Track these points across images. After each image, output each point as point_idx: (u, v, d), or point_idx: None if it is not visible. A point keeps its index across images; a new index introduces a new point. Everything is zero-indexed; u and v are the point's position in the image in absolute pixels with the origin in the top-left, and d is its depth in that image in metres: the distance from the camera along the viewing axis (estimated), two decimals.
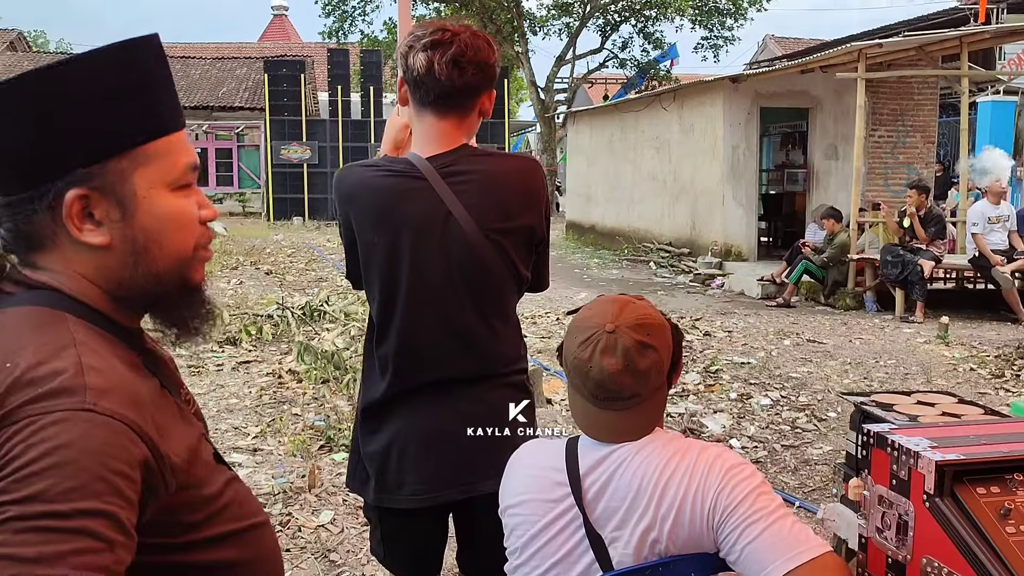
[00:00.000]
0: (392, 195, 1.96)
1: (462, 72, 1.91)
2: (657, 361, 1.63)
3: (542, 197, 2.04)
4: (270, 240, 17.65)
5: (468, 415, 2.00)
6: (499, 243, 1.95)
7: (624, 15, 28.62)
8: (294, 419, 5.59)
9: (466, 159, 1.97)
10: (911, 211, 9.99)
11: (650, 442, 1.65)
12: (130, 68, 1.08)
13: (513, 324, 2.09)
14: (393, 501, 2.06)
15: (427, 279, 1.96)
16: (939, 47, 11.82)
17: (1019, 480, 1.37)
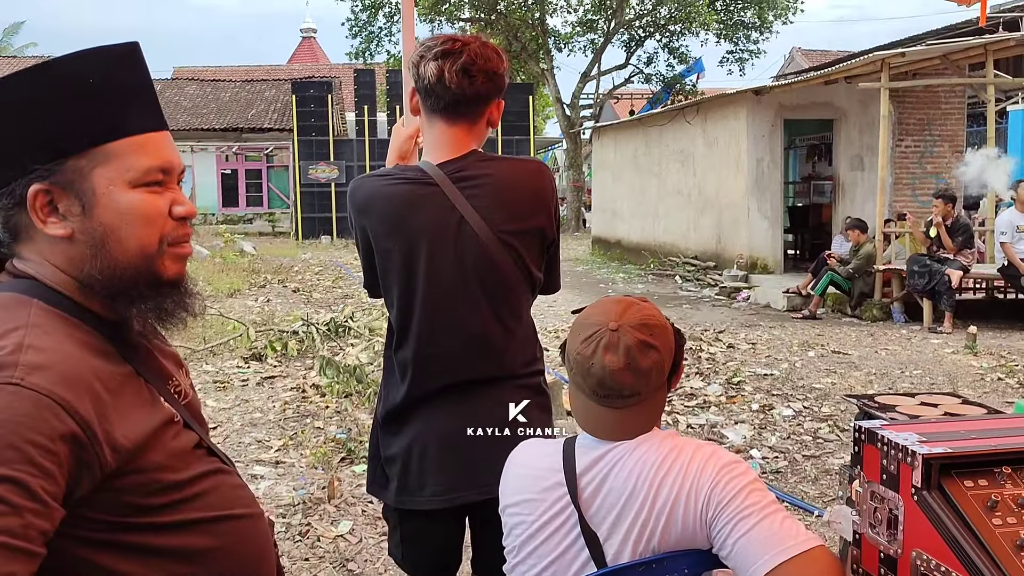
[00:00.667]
0: (405, 202, 1.99)
1: (472, 80, 1.95)
2: (658, 361, 1.64)
3: (551, 199, 2.07)
4: (298, 259, 17.81)
5: (487, 417, 2.02)
6: (511, 245, 1.98)
7: (649, 30, 28.67)
8: (316, 432, 5.64)
9: (476, 164, 2.01)
10: (937, 220, 9.89)
11: (645, 441, 1.66)
12: (86, 75, 1.18)
13: (527, 325, 2.11)
14: (413, 503, 2.08)
15: (442, 283, 2.00)
16: (964, 55, 11.72)
17: (1007, 473, 1.37)
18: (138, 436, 1.15)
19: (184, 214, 1.26)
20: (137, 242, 1.20)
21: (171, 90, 28.85)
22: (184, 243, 1.27)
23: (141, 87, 1.23)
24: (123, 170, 1.19)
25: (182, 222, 1.26)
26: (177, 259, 1.27)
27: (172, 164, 1.25)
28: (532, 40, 28.37)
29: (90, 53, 1.20)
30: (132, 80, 1.22)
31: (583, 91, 29.38)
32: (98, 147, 1.18)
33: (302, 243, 22.25)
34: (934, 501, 1.33)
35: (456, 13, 27.27)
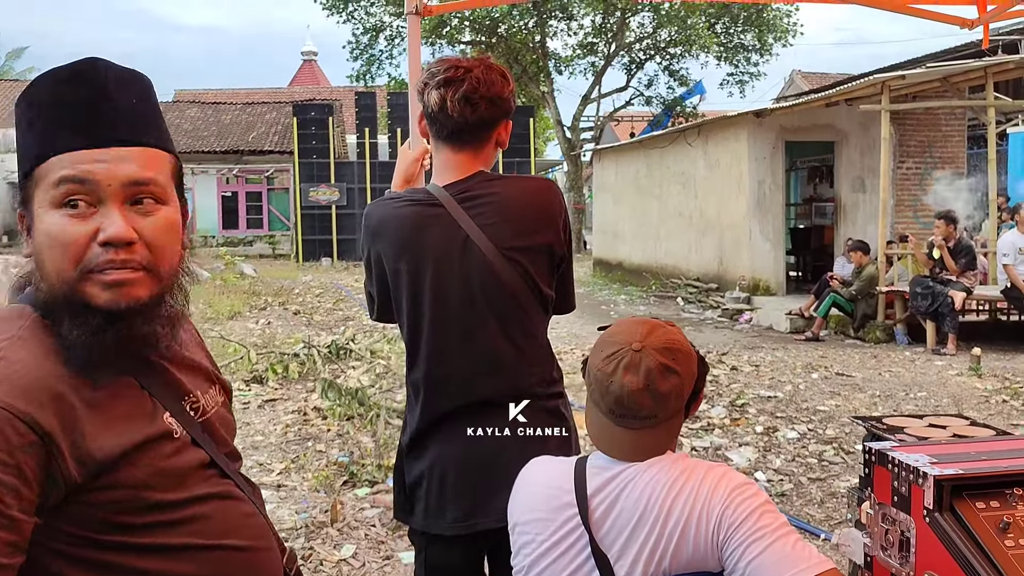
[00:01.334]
0: (412, 224, 2.01)
1: (474, 108, 1.97)
2: (678, 386, 1.64)
3: (559, 216, 2.06)
4: (299, 281, 17.81)
5: (506, 441, 2.00)
6: (518, 262, 1.98)
7: (649, 53, 28.82)
8: (318, 455, 5.61)
9: (481, 184, 2.02)
10: (939, 242, 9.89)
11: (657, 462, 1.65)
12: (29, 101, 1.20)
13: (542, 345, 2.09)
14: (437, 527, 2.07)
15: (449, 303, 2.00)
16: (964, 78, 11.77)
17: (1019, 495, 1.36)
18: (113, 450, 1.12)
19: (107, 238, 1.13)
20: (53, 266, 1.15)
21: (172, 113, 28.99)
22: (112, 270, 1.14)
23: (83, 103, 1.18)
24: (43, 191, 1.16)
25: (107, 248, 1.14)
26: (104, 288, 1.14)
27: (93, 176, 1.15)
28: (533, 63, 28.52)
29: (42, 76, 1.20)
30: (71, 99, 1.18)
31: (584, 113, 29.52)
32: (36, 168, 1.17)
33: (303, 265, 22.25)
34: (946, 523, 1.32)
35: (457, 36, 27.43)
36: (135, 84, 1.25)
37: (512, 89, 2.05)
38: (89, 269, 1.14)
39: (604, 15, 27.19)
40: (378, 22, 27.58)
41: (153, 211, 1.19)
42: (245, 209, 27.87)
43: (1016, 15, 3.73)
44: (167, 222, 1.21)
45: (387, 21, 27.50)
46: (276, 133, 27.96)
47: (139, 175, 1.18)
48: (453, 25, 26.58)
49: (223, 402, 1.39)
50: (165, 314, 1.23)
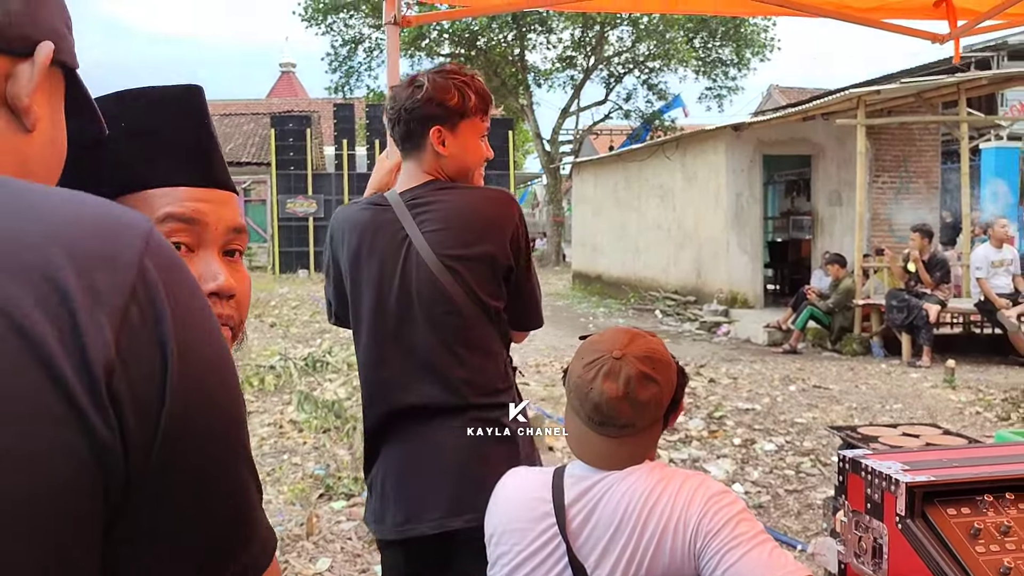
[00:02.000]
0: (365, 228, 2.07)
1: (396, 119, 2.08)
2: (657, 395, 1.64)
3: (508, 227, 2.06)
4: (275, 293, 17.72)
5: (443, 449, 2.02)
6: (456, 270, 2.00)
7: (628, 67, 28.99)
8: (294, 468, 5.57)
9: (433, 192, 2.06)
10: (915, 255, 9.99)
11: (634, 471, 1.65)
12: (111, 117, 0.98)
13: (488, 356, 2.08)
14: (380, 532, 2.10)
15: (388, 307, 2.04)
16: (937, 93, 11.93)
17: (989, 501, 1.36)
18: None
19: (215, 289, 1.01)
20: None
21: None
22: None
23: (188, 136, 1.06)
24: None
25: (213, 299, 1.00)
26: None
27: (203, 217, 1.02)
28: (512, 76, 28.61)
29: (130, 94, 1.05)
30: (176, 127, 1.05)
31: (563, 127, 29.63)
32: (123, 196, 1.01)
33: (279, 277, 22.15)
34: (918, 529, 1.32)
35: (436, 48, 27.49)
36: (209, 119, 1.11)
37: (451, 97, 2.05)
38: None
39: (583, 29, 27.35)
40: (357, 34, 27.62)
41: (239, 263, 1.09)
42: None
43: (986, 30, 3.78)
44: (249, 280, 1.11)
45: (366, 33, 27.54)
46: (253, 145, 27.86)
47: (239, 223, 1.08)
48: (432, 37, 26.64)
49: None
50: None
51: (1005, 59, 17.08)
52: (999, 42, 16.42)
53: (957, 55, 3.76)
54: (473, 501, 1.92)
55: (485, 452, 2.02)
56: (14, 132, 0.70)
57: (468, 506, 1.94)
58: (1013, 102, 18.12)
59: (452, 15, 7.00)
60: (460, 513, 1.97)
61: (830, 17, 3.74)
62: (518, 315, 2.15)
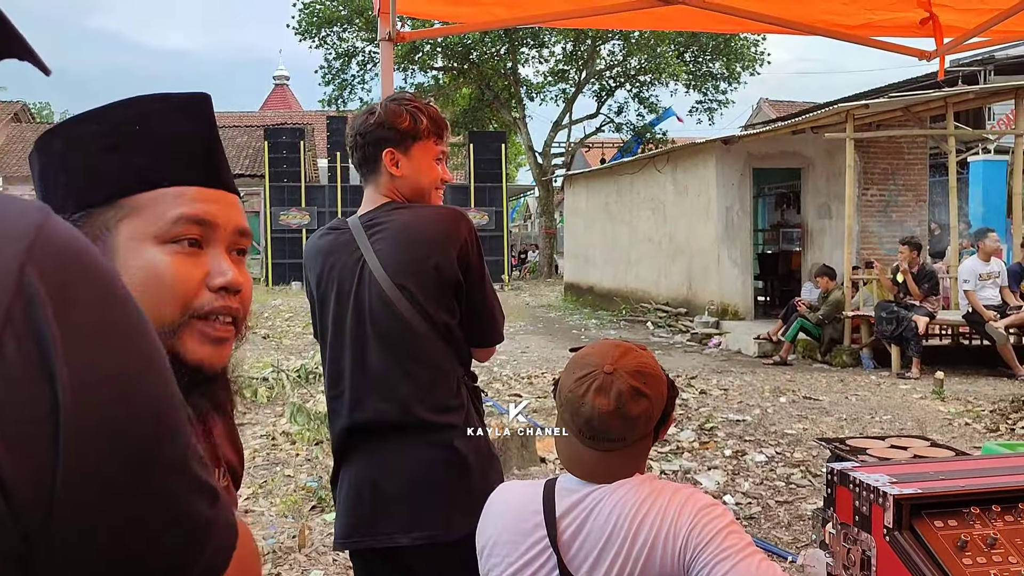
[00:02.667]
0: (328, 252, 2.17)
1: (352, 149, 2.21)
2: (648, 409, 1.65)
3: (455, 240, 2.09)
4: (268, 305, 17.70)
5: (393, 466, 2.08)
6: (404, 286, 2.06)
7: (619, 80, 29.13)
8: (286, 480, 5.56)
9: (386, 212, 2.14)
10: (904, 267, 10.05)
11: (624, 484, 1.67)
12: (114, 123, 1.07)
13: (440, 373, 2.11)
14: (336, 542, 2.19)
15: (345, 326, 2.12)
16: (925, 107, 12.02)
17: (975, 513, 1.39)
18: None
19: (225, 283, 1.05)
20: (151, 308, 0.98)
21: None
22: (218, 321, 1.05)
23: (196, 139, 1.10)
24: (150, 222, 1.04)
25: (222, 293, 1.05)
26: (206, 341, 1.04)
27: (214, 218, 1.07)
28: (504, 89, 28.71)
29: (139, 100, 1.10)
30: (184, 131, 1.09)
31: (555, 139, 29.73)
32: (127, 198, 1.04)
33: (272, 289, 22.12)
34: (906, 541, 1.34)
35: (429, 62, 27.57)
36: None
37: (401, 121, 2.14)
38: (199, 315, 1.04)
39: (575, 43, 27.48)
40: (350, 47, 27.68)
41: (243, 263, 1.13)
42: None
43: (973, 47, 3.83)
44: (251, 279, 1.15)
45: (359, 46, 27.62)
46: (247, 157, 27.86)
47: (244, 225, 1.13)
48: (425, 51, 26.72)
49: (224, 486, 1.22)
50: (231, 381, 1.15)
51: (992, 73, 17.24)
52: (986, 56, 16.57)
53: (942, 72, 3.82)
54: (424, 520, 2.02)
55: (435, 476, 2.06)
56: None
57: (419, 524, 2.03)
58: (1000, 116, 18.28)
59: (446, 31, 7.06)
60: (410, 530, 2.04)
61: (820, 35, 3.78)
62: (474, 331, 2.18)
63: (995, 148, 16.86)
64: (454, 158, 29.33)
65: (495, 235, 23.99)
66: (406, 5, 3.51)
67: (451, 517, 2.04)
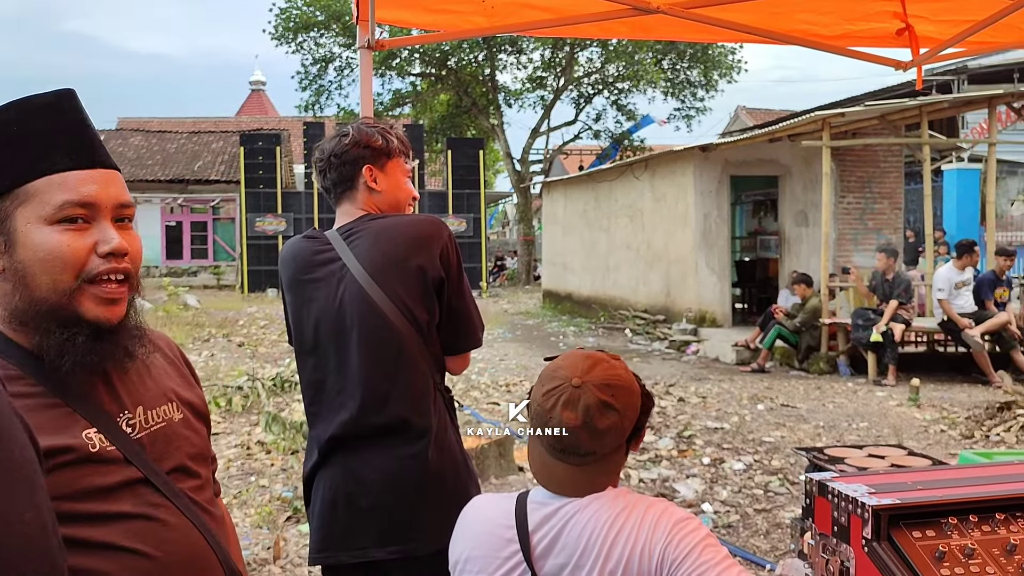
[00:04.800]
0: (304, 256, 2.20)
1: (323, 175, 2.28)
2: (616, 423, 1.63)
3: (436, 244, 2.13)
4: (243, 312, 17.57)
5: (367, 479, 2.08)
6: (387, 285, 2.08)
7: (597, 87, 29.21)
8: (261, 491, 5.51)
9: (363, 222, 2.18)
10: (860, 285, 10.37)
11: (598, 498, 1.65)
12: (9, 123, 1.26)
13: (417, 373, 2.12)
14: (311, 558, 2.18)
15: (325, 329, 2.13)
16: (900, 116, 12.14)
17: (953, 524, 1.39)
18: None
19: (110, 250, 1.25)
20: (48, 279, 1.23)
21: (115, 140, 28.57)
22: (109, 282, 1.27)
23: (68, 129, 1.28)
24: (40, 207, 1.24)
25: (110, 258, 1.26)
26: (101, 302, 1.27)
27: (95, 199, 1.26)
28: (482, 96, 28.71)
29: (16, 103, 1.27)
30: (57, 124, 1.28)
31: (533, 146, 29.73)
32: (19, 187, 1.24)
33: (248, 296, 21.97)
34: (884, 552, 1.34)
35: (407, 68, 27.54)
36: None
37: (367, 140, 2.23)
38: (89, 279, 1.25)
39: (553, 50, 27.53)
40: (327, 53, 27.59)
41: (129, 228, 1.32)
42: (190, 239, 27.46)
43: (948, 58, 3.86)
44: (138, 240, 1.33)
45: (336, 52, 27.52)
46: (222, 163, 27.68)
47: (125, 198, 1.32)
48: (403, 57, 26.70)
49: (180, 419, 1.42)
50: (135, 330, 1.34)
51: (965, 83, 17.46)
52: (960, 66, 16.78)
53: (919, 81, 3.84)
54: (399, 534, 2.03)
55: (410, 489, 2.06)
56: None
57: (394, 538, 2.03)
58: (974, 124, 18.50)
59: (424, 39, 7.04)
60: (385, 544, 2.04)
61: (798, 44, 3.80)
62: (454, 333, 2.19)
63: (969, 156, 17.07)
64: (432, 164, 29.31)
65: (473, 242, 23.95)
66: (385, 13, 3.49)
67: (426, 529, 2.04)
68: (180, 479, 1.36)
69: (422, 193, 23.43)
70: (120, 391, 1.34)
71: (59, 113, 1.29)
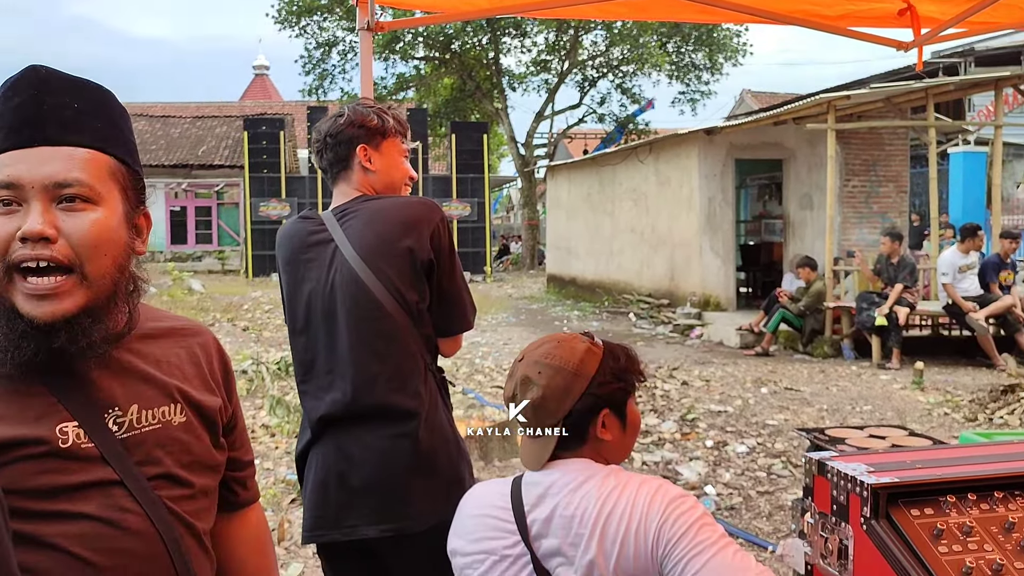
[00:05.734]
0: (299, 237, 2.22)
1: (320, 156, 2.29)
2: (538, 400, 1.65)
3: (426, 226, 2.14)
4: (248, 297, 17.61)
5: (359, 458, 2.09)
6: (377, 266, 2.10)
7: (602, 71, 29.10)
8: (265, 473, 5.53)
9: (358, 203, 2.20)
10: (865, 268, 10.31)
11: (589, 478, 1.65)
12: None
13: (407, 355, 2.12)
14: (304, 537, 2.21)
15: (317, 308, 2.15)
16: (906, 99, 12.07)
17: (952, 502, 1.39)
18: None
19: (24, 234, 1.13)
20: None
21: None
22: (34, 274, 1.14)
23: (17, 108, 1.19)
24: None
25: (30, 243, 1.13)
26: (29, 298, 1.14)
27: (18, 179, 1.16)
28: (486, 79, 28.63)
29: None
30: (7, 104, 1.19)
31: (537, 130, 29.67)
32: None
33: (252, 281, 22.01)
34: (882, 530, 1.34)
35: (410, 52, 27.46)
36: (78, 89, 1.24)
37: (362, 120, 2.23)
38: (16, 266, 1.14)
39: (557, 33, 27.43)
40: (331, 37, 27.51)
41: (81, 210, 1.18)
42: (194, 224, 27.50)
43: (950, 38, 3.84)
44: (96, 223, 1.19)
45: (340, 36, 27.45)
46: (226, 147, 27.66)
47: (63, 176, 1.17)
48: (407, 41, 26.62)
49: (182, 422, 1.29)
50: (106, 326, 1.19)
51: (972, 65, 17.33)
52: (966, 48, 16.66)
53: (920, 62, 3.82)
54: (392, 512, 2.05)
55: (402, 468, 2.07)
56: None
57: (386, 516, 2.05)
58: (980, 107, 18.39)
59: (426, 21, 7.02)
60: (377, 522, 2.06)
61: (799, 25, 3.78)
62: (444, 316, 2.20)
63: (975, 139, 16.98)
64: (435, 149, 29.26)
65: (477, 226, 23.91)
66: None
67: (419, 508, 2.06)
68: (163, 486, 1.24)
69: (426, 178, 23.40)
70: (115, 385, 1.23)
71: (14, 94, 1.20)
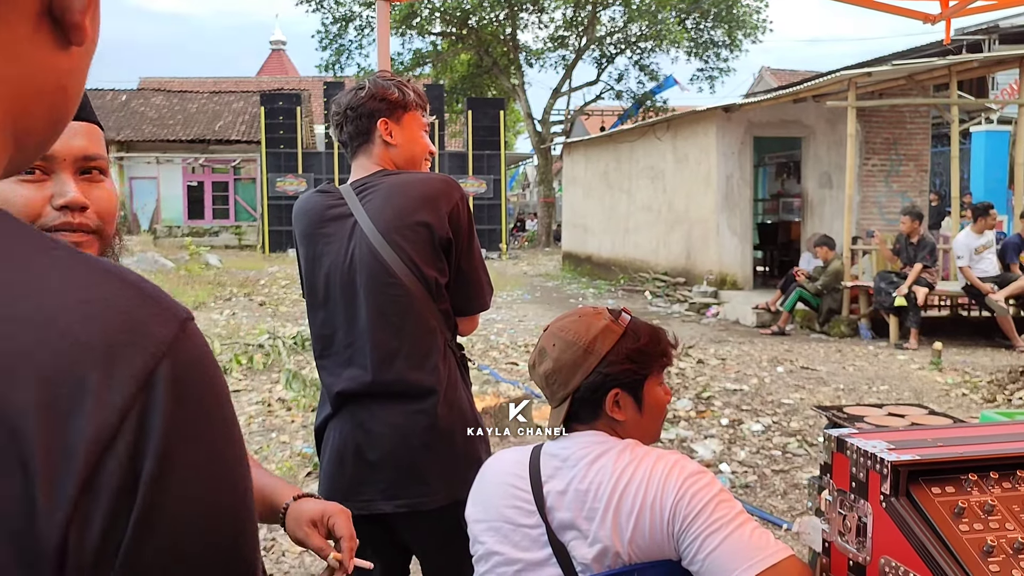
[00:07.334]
0: (318, 211, 2.20)
1: (339, 128, 2.26)
2: (550, 371, 1.69)
3: (444, 202, 2.12)
4: (264, 272, 17.68)
5: (376, 433, 2.09)
6: (398, 243, 2.08)
7: (620, 47, 28.90)
8: (282, 447, 5.57)
9: (377, 178, 2.18)
10: (884, 249, 10.20)
11: (606, 451, 1.65)
12: None
13: (427, 331, 2.12)
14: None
15: (335, 283, 2.14)
16: (928, 76, 11.91)
17: (973, 480, 1.37)
18: None
19: (64, 203, 1.19)
20: None
21: (137, 100, 28.58)
22: (68, 232, 1.19)
23: None
24: None
25: (64, 211, 1.19)
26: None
27: (52, 151, 1.18)
28: (503, 55, 28.48)
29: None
30: None
31: (554, 107, 29.54)
32: None
33: (269, 256, 22.09)
34: (902, 508, 1.32)
35: (427, 27, 27.33)
36: None
37: (383, 93, 2.20)
38: (45, 230, 1.17)
39: (575, 8, 27.22)
40: (348, 11, 27.42)
41: (99, 181, 1.26)
42: (211, 199, 27.56)
43: (978, 11, 3.77)
44: (111, 193, 1.28)
45: (357, 11, 27.34)
46: (243, 123, 27.68)
47: (89, 150, 1.24)
48: (424, 16, 26.48)
49: None
50: None
51: (996, 42, 17.08)
52: (991, 25, 16.43)
53: (947, 36, 3.76)
54: (407, 488, 2.05)
55: (419, 444, 2.07)
56: (53, 48, 0.61)
57: (401, 492, 2.06)
58: (1004, 85, 18.14)
59: None
60: (392, 497, 2.06)
61: None
62: (461, 295, 2.19)
63: (998, 118, 16.75)
64: (452, 125, 29.18)
65: (493, 203, 23.85)
66: None
67: (434, 485, 2.06)
68: None
69: (442, 154, 23.34)
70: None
71: None
